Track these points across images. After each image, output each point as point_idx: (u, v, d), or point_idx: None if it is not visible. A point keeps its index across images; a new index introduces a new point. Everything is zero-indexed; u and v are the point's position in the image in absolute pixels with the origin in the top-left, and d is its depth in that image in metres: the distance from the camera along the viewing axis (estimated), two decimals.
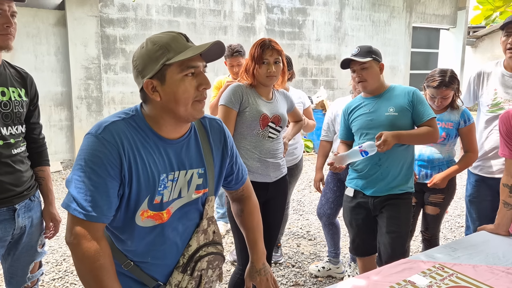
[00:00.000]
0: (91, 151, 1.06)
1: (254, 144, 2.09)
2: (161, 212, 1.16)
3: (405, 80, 9.62)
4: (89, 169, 1.05)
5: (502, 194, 1.93)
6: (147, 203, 1.13)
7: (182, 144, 1.20)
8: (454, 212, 4.40)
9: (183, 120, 1.15)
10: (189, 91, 1.10)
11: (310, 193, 5.05)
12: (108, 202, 1.07)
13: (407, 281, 1.49)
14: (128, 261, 1.17)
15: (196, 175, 1.22)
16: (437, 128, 2.12)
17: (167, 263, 1.22)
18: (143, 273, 1.20)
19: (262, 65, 2.04)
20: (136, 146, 1.10)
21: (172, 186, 1.16)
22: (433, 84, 2.38)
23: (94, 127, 1.09)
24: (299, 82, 8.06)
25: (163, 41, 1.10)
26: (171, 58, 1.07)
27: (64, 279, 2.93)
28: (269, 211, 2.20)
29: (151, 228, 1.16)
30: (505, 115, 1.90)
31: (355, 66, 2.14)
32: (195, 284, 1.24)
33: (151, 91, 1.10)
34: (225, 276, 2.98)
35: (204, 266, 1.24)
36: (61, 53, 6.03)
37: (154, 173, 1.12)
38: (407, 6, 9.39)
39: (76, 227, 1.06)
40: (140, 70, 1.12)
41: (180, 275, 1.21)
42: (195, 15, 6.91)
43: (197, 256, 1.23)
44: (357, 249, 2.35)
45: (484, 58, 14.72)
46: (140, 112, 1.16)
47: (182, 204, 1.21)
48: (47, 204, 1.87)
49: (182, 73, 1.09)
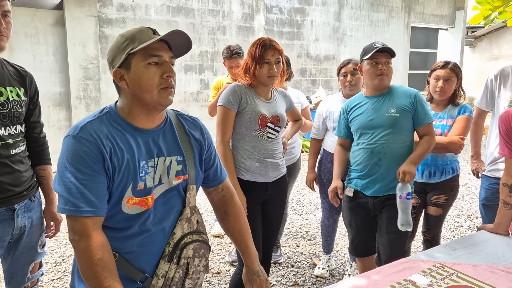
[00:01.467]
0: (72, 151, 1.11)
1: (253, 145, 2.08)
2: (146, 198, 1.20)
3: (403, 80, 9.63)
4: (74, 168, 1.10)
5: (502, 194, 1.93)
6: (131, 190, 1.16)
7: (158, 133, 1.25)
8: (453, 212, 4.40)
9: (152, 107, 1.20)
10: (153, 79, 1.16)
11: (309, 193, 5.05)
12: (99, 196, 1.11)
13: (408, 281, 1.49)
14: (114, 252, 1.17)
15: (175, 162, 1.27)
16: (434, 133, 2.17)
17: (153, 250, 1.23)
18: (130, 265, 1.20)
19: (264, 65, 2.03)
20: (114, 139, 1.15)
21: (153, 172, 1.21)
22: (439, 64, 2.47)
23: (71, 130, 1.15)
24: (298, 82, 8.06)
25: (130, 33, 1.19)
26: (135, 48, 1.15)
27: (63, 280, 2.92)
28: (268, 211, 2.20)
29: (137, 215, 1.19)
30: (505, 115, 1.89)
31: (381, 58, 2.12)
32: (182, 274, 1.25)
33: (119, 79, 1.18)
34: (224, 277, 2.97)
35: (190, 254, 1.26)
36: (60, 53, 6.02)
37: (134, 160, 1.17)
38: (405, 6, 9.41)
39: (75, 225, 1.09)
40: (110, 61, 1.20)
41: (166, 264, 1.23)
42: (193, 15, 6.90)
43: (182, 243, 1.25)
44: (356, 249, 2.35)
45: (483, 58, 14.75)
46: (114, 108, 1.22)
47: (164, 190, 1.25)
48: (48, 203, 1.86)
49: (145, 61, 1.16)
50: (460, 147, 2.36)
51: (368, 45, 2.19)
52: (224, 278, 2.95)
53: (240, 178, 2.09)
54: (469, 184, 5.50)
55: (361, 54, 2.21)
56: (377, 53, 2.12)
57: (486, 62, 14.52)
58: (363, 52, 2.19)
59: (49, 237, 1.89)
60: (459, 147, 2.35)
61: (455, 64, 2.47)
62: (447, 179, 2.45)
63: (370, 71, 2.15)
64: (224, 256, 3.30)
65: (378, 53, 2.12)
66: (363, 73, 2.21)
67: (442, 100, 2.49)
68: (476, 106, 2.67)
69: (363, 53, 2.19)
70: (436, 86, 2.43)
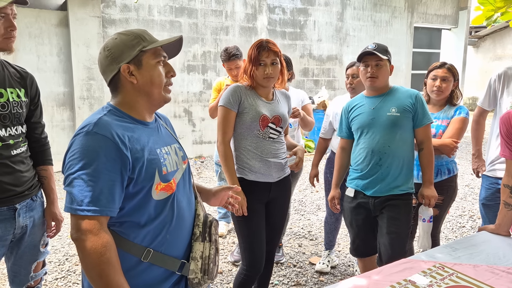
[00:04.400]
0: (87, 148, 1.09)
1: (255, 145, 2.09)
2: (170, 182, 1.24)
3: (406, 80, 9.61)
4: (86, 166, 1.08)
5: (503, 195, 1.93)
6: (158, 175, 1.20)
7: (156, 126, 1.32)
8: (456, 213, 4.40)
9: (156, 103, 1.27)
10: (162, 75, 1.25)
11: (312, 193, 5.06)
12: (109, 194, 1.09)
13: (408, 281, 1.50)
14: (148, 249, 1.19)
15: (177, 148, 1.35)
16: (430, 137, 2.23)
17: (183, 234, 1.29)
18: (166, 257, 1.23)
19: (259, 67, 2.05)
20: (127, 131, 1.18)
21: (169, 158, 1.27)
22: (436, 64, 2.50)
23: (85, 127, 1.13)
24: (300, 82, 8.06)
25: (136, 32, 1.24)
26: (146, 46, 1.21)
27: (67, 279, 2.94)
28: (272, 211, 2.21)
29: (164, 200, 1.23)
30: (506, 116, 1.90)
31: (370, 61, 2.15)
32: (214, 250, 1.34)
33: (128, 74, 1.21)
34: (226, 276, 2.99)
35: (214, 231, 1.36)
36: (64, 53, 6.06)
37: (152, 148, 1.22)
38: (408, 6, 9.38)
39: (81, 223, 1.07)
40: (115, 57, 1.21)
41: (201, 244, 1.30)
42: (196, 16, 6.92)
43: (209, 221, 1.35)
44: (357, 249, 2.36)
45: (486, 58, 14.70)
46: (113, 105, 1.24)
47: (181, 175, 1.32)
48: (49, 203, 1.88)
49: (156, 59, 1.23)
50: (453, 150, 2.36)
51: (365, 47, 2.22)
52: (226, 278, 2.96)
53: (244, 178, 2.10)
54: (471, 184, 5.49)
55: (358, 57, 2.24)
56: (367, 56, 2.15)
57: (489, 62, 14.48)
58: (359, 55, 2.22)
59: (50, 237, 1.91)
60: (451, 150, 2.36)
61: (452, 65, 2.50)
62: (443, 179, 2.44)
63: (362, 74, 2.23)
64: (227, 256, 3.31)
65: (368, 56, 2.15)
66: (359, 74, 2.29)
67: (439, 100, 2.50)
68: (478, 105, 2.68)
69: (359, 55, 2.22)
70: (434, 86, 2.45)
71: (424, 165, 2.21)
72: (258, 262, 2.12)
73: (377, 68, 2.14)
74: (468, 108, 9.11)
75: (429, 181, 2.21)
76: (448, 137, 2.38)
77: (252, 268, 2.11)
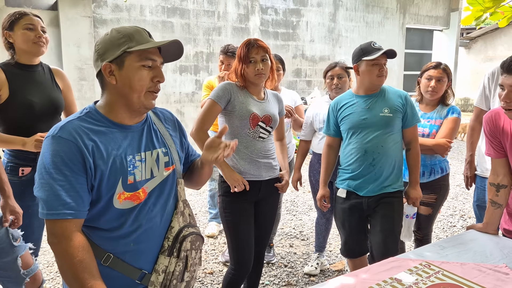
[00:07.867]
0: (51, 152, 1.10)
1: (245, 144, 2.08)
2: (137, 192, 1.20)
3: (398, 81, 9.66)
4: (53, 170, 1.08)
5: (489, 193, 1.94)
6: (121, 184, 1.17)
7: (141, 128, 1.27)
8: (447, 212, 4.42)
9: (135, 109, 1.22)
10: (144, 80, 1.19)
11: (304, 193, 5.06)
12: (77, 197, 1.10)
13: (394, 279, 1.50)
14: (108, 254, 1.17)
15: (162, 154, 1.29)
16: (417, 137, 2.26)
17: (150, 246, 1.24)
18: (125, 264, 1.19)
19: (250, 64, 2.04)
20: (96, 136, 1.15)
21: (142, 166, 1.22)
22: (432, 64, 2.51)
23: (51, 130, 1.14)
24: (293, 83, 8.07)
25: (127, 31, 1.19)
26: (132, 47, 1.16)
27: (56, 280, 2.91)
28: (261, 210, 2.20)
29: (130, 209, 1.20)
30: (489, 115, 1.90)
31: (382, 60, 2.13)
32: (182, 267, 1.26)
33: (108, 74, 1.18)
34: (217, 277, 2.98)
35: (188, 247, 1.28)
36: (54, 53, 6.00)
37: (120, 155, 1.18)
38: (400, 8, 9.44)
39: (53, 227, 1.08)
40: (100, 54, 1.19)
41: (166, 259, 1.24)
42: (189, 16, 6.90)
43: (181, 236, 1.28)
44: (349, 250, 2.33)
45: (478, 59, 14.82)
46: (94, 107, 1.23)
47: (156, 184, 1.26)
48: (5, 197, 1.79)
49: (140, 62, 1.18)
50: (447, 150, 2.37)
51: (366, 45, 2.16)
52: (217, 278, 2.95)
53: None
54: (463, 184, 5.50)
55: (359, 54, 2.17)
56: (381, 55, 2.11)
57: (481, 63, 14.59)
58: (362, 52, 2.15)
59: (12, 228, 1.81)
60: (445, 149, 2.37)
61: (446, 65, 2.51)
62: (436, 178, 2.46)
63: (370, 71, 2.13)
64: (217, 256, 3.30)
65: (383, 55, 2.12)
66: (360, 72, 2.18)
67: (432, 100, 2.50)
68: (475, 106, 2.62)
69: (361, 53, 2.15)
70: (428, 86, 2.45)
71: (411, 165, 2.22)
72: (246, 261, 2.11)
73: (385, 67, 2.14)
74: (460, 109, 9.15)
75: (415, 181, 2.23)
76: (441, 137, 2.38)
77: (240, 267, 2.11)
